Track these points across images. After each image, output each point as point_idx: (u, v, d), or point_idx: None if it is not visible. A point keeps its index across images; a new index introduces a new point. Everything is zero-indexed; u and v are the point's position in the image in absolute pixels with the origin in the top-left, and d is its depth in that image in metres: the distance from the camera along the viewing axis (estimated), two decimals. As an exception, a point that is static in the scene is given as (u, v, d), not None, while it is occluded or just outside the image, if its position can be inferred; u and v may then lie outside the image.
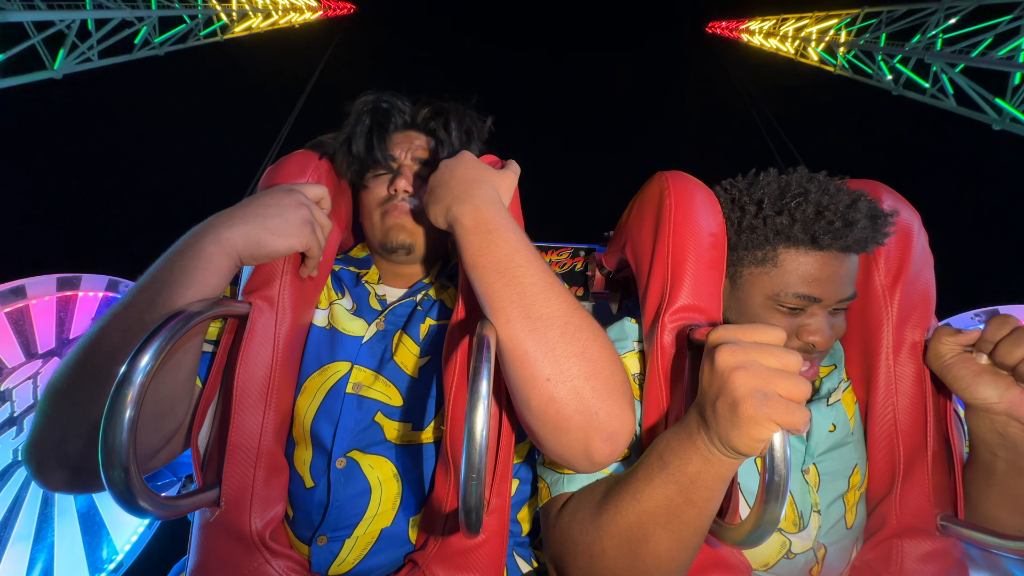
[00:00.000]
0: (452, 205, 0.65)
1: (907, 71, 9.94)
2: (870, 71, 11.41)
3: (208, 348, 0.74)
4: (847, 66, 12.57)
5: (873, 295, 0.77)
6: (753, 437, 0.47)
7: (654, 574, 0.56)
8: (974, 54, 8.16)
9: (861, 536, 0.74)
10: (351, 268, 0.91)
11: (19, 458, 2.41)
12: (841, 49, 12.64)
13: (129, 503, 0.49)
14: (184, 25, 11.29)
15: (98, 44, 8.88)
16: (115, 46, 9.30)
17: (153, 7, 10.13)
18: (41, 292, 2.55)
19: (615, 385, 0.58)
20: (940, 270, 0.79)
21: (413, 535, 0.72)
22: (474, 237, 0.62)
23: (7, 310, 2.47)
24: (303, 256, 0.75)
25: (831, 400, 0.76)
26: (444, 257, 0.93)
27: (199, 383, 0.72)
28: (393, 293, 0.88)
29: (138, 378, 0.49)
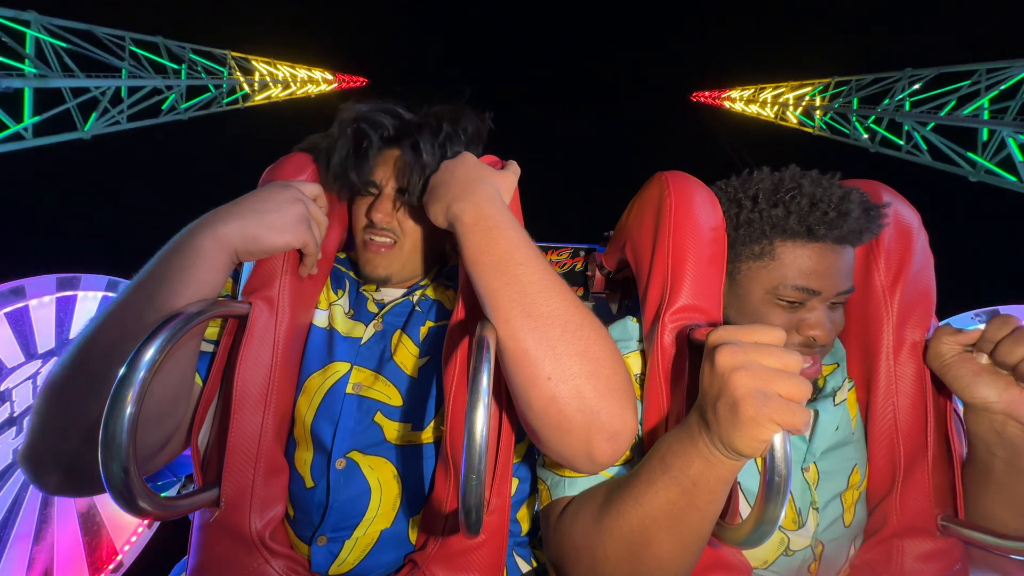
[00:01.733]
0: (452, 203, 0.65)
1: (881, 130, 11.05)
2: (847, 131, 12.53)
3: (208, 348, 0.73)
4: (825, 127, 13.77)
5: (873, 295, 0.77)
6: (754, 438, 0.47)
7: None
8: (942, 113, 9.18)
9: (860, 535, 0.74)
10: (351, 273, 0.90)
11: (17, 460, 2.41)
12: (818, 112, 13.93)
13: (129, 503, 0.49)
14: (209, 93, 12.59)
15: (128, 109, 9.89)
16: (143, 111, 10.33)
17: (183, 77, 11.32)
18: (41, 292, 2.55)
19: (617, 384, 0.57)
20: (940, 270, 0.78)
21: (413, 535, 0.72)
22: (474, 235, 0.61)
23: (7, 310, 2.47)
24: (301, 255, 0.74)
25: (837, 400, 0.76)
26: (442, 259, 0.93)
27: (199, 382, 0.71)
28: (391, 295, 0.88)
29: (138, 378, 0.48)
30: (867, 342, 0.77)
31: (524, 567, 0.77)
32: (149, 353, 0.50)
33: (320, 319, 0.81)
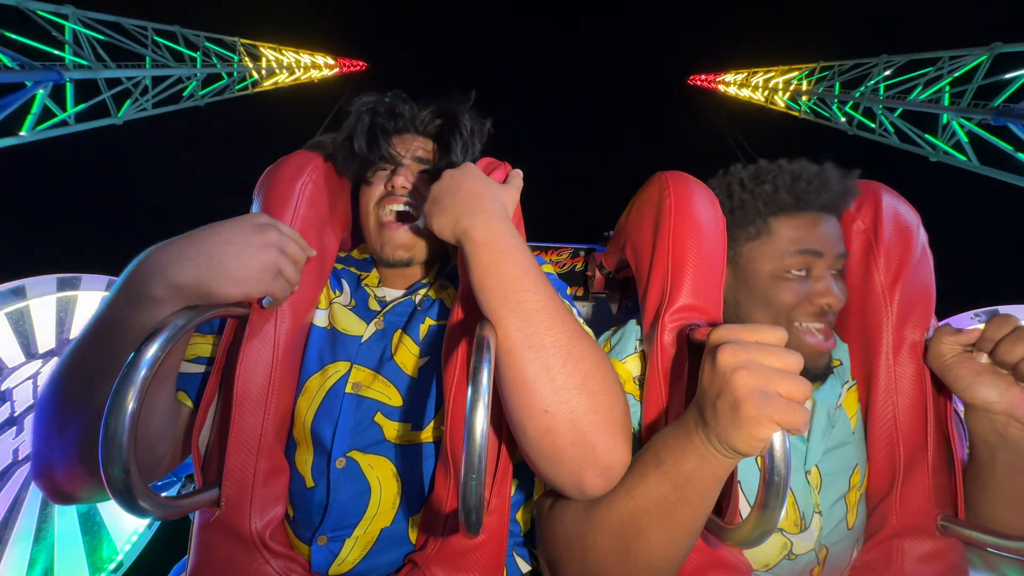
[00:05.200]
0: (461, 218, 0.64)
1: (857, 115, 12.25)
2: (828, 115, 13.76)
3: (199, 368, 0.74)
4: (809, 111, 14.86)
5: (873, 295, 0.76)
6: (754, 437, 0.47)
7: (646, 569, 0.56)
8: (909, 98, 10.30)
9: (861, 537, 0.74)
10: (352, 269, 0.91)
11: (18, 459, 2.41)
12: (804, 97, 15.00)
13: (129, 503, 0.49)
14: (223, 81, 13.64)
15: (153, 97, 10.77)
16: (165, 98, 11.29)
17: (199, 65, 12.36)
18: (41, 292, 2.55)
19: (614, 419, 0.58)
20: (940, 270, 0.78)
21: (413, 535, 0.72)
22: (484, 255, 0.61)
23: (7, 310, 2.48)
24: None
25: (838, 403, 0.76)
26: (444, 258, 0.93)
27: (188, 403, 0.72)
28: (392, 294, 0.88)
29: (138, 377, 0.48)
30: (867, 342, 0.77)
31: (524, 567, 0.77)
32: (150, 352, 0.50)
33: (320, 319, 0.81)
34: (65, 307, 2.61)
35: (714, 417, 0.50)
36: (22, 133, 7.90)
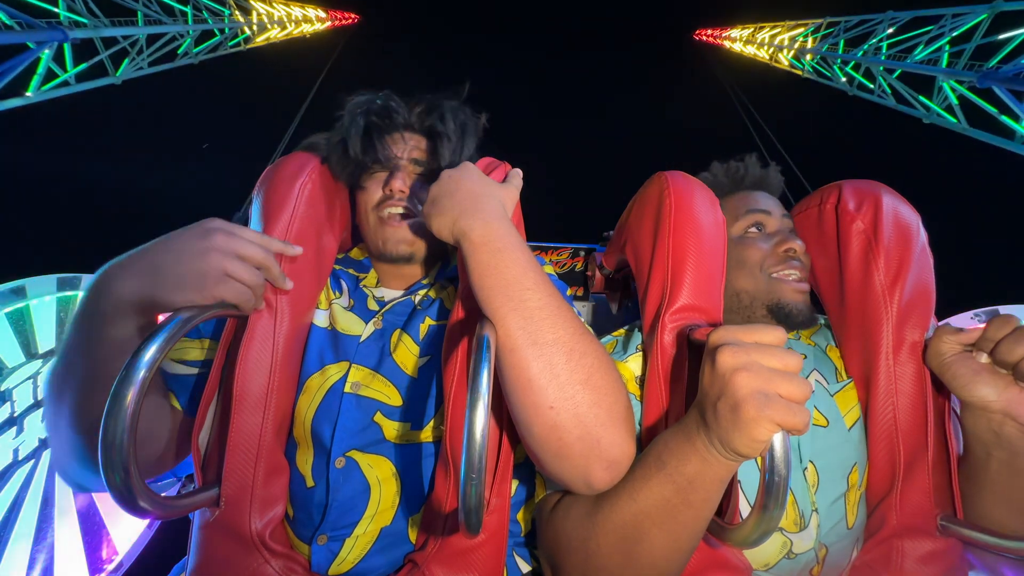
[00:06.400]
0: (459, 218, 0.64)
1: (859, 76, 12.47)
2: (830, 75, 14.01)
3: (191, 371, 0.76)
4: (811, 71, 15.03)
5: (873, 295, 0.76)
6: (754, 438, 0.47)
7: (649, 572, 0.56)
8: (911, 57, 10.45)
9: (861, 536, 0.74)
10: (350, 271, 0.91)
11: (18, 459, 2.41)
12: (808, 56, 15.05)
13: (129, 503, 0.49)
14: (216, 38, 13.63)
15: (149, 56, 10.85)
16: (160, 57, 11.40)
17: (190, 22, 12.25)
18: (41, 292, 2.55)
19: (618, 412, 0.58)
20: (940, 270, 0.78)
21: (413, 535, 0.72)
22: (483, 255, 0.61)
23: (7, 310, 2.48)
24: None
25: (807, 370, 0.81)
26: (444, 257, 0.93)
27: (177, 405, 0.74)
28: (391, 294, 0.88)
29: (138, 378, 0.48)
30: (867, 342, 0.77)
31: (524, 567, 0.77)
32: (149, 353, 0.50)
33: (320, 319, 0.81)
34: (65, 307, 2.60)
35: (715, 419, 0.50)
36: (28, 94, 8.03)
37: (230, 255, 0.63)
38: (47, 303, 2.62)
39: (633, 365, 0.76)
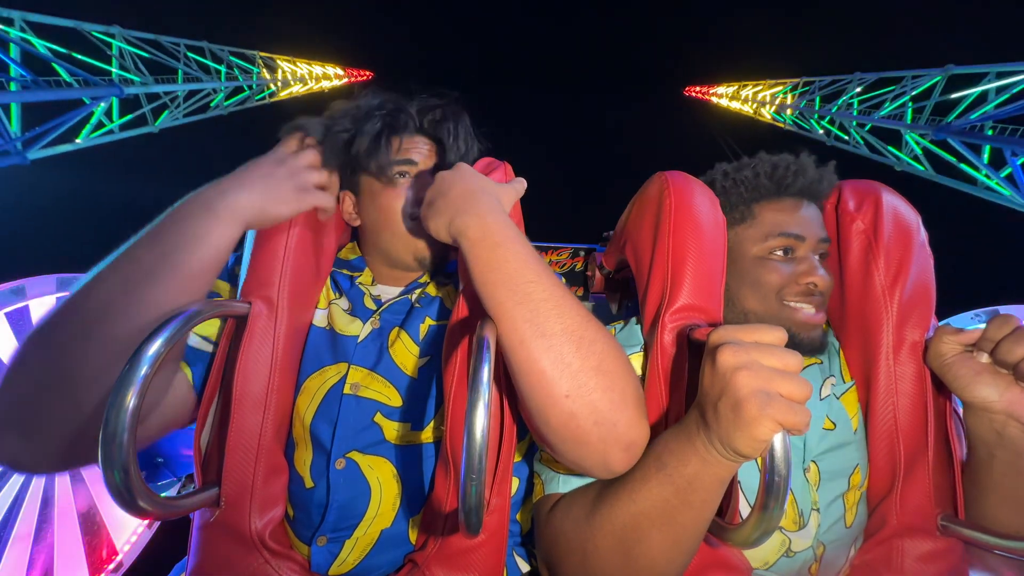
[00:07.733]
0: (456, 217, 0.63)
1: (835, 129, 14.33)
2: (808, 128, 15.93)
3: (207, 347, 0.74)
4: (792, 124, 17.04)
5: (873, 295, 0.76)
6: (755, 438, 0.47)
7: (647, 575, 0.56)
8: (879, 113, 12.17)
9: (860, 536, 0.74)
10: (344, 271, 0.89)
11: None
12: (788, 110, 17.17)
13: (129, 503, 0.49)
14: (245, 93, 15.92)
15: (185, 108, 12.60)
16: (195, 108, 13.15)
17: (223, 79, 14.52)
18: (41, 292, 2.55)
19: (631, 395, 0.58)
20: (940, 270, 0.78)
21: (413, 535, 0.72)
22: (481, 251, 0.61)
23: (7, 310, 2.47)
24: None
25: (823, 394, 0.77)
26: (443, 254, 0.93)
27: (188, 373, 0.71)
28: (388, 292, 0.87)
29: (138, 376, 0.48)
30: (867, 342, 0.77)
31: (524, 567, 0.77)
32: (150, 351, 0.50)
33: (320, 319, 0.80)
34: (65, 307, 2.60)
35: (715, 419, 0.50)
36: (78, 141, 9.35)
37: (304, 171, 0.76)
38: (47, 303, 2.61)
39: (633, 364, 0.76)
